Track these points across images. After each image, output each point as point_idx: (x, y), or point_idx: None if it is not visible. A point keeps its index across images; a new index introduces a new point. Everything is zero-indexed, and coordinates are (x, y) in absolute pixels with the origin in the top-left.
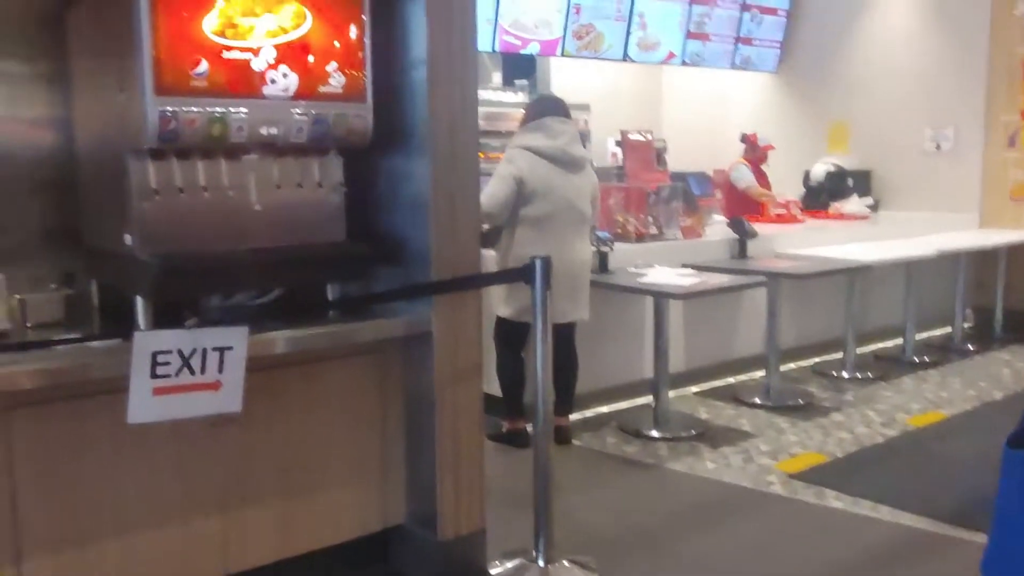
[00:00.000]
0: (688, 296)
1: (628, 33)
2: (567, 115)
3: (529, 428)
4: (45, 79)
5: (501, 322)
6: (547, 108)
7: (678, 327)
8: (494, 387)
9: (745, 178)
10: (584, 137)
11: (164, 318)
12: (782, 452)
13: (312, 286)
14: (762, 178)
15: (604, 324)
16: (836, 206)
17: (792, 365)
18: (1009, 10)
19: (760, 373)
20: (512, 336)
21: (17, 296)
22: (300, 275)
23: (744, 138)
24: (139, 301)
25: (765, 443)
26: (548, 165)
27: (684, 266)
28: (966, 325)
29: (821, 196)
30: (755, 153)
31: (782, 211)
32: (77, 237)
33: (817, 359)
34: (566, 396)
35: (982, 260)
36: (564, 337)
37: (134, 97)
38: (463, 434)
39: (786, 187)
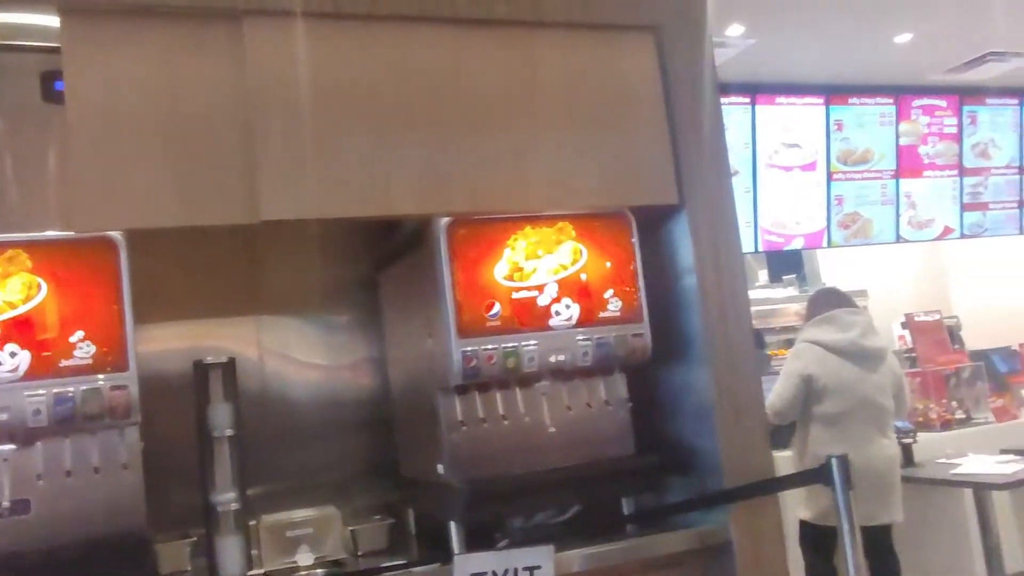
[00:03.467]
0: (1015, 486)
1: (898, 215)
2: (854, 306)
3: None
4: (361, 328)
5: (805, 526)
6: (834, 300)
7: (1008, 522)
8: None
9: None
10: None
11: (473, 541)
12: None
13: (607, 501)
14: None
15: (919, 523)
16: None
17: None
18: None
19: None
20: (819, 541)
21: (349, 528)
22: (594, 491)
23: None
24: (453, 526)
25: None
26: (839, 360)
27: (1003, 452)
28: None
29: None
30: None
31: None
32: (394, 469)
33: None
34: None
35: None
36: (880, 541)
37: (440, 341)
38: None
39: None
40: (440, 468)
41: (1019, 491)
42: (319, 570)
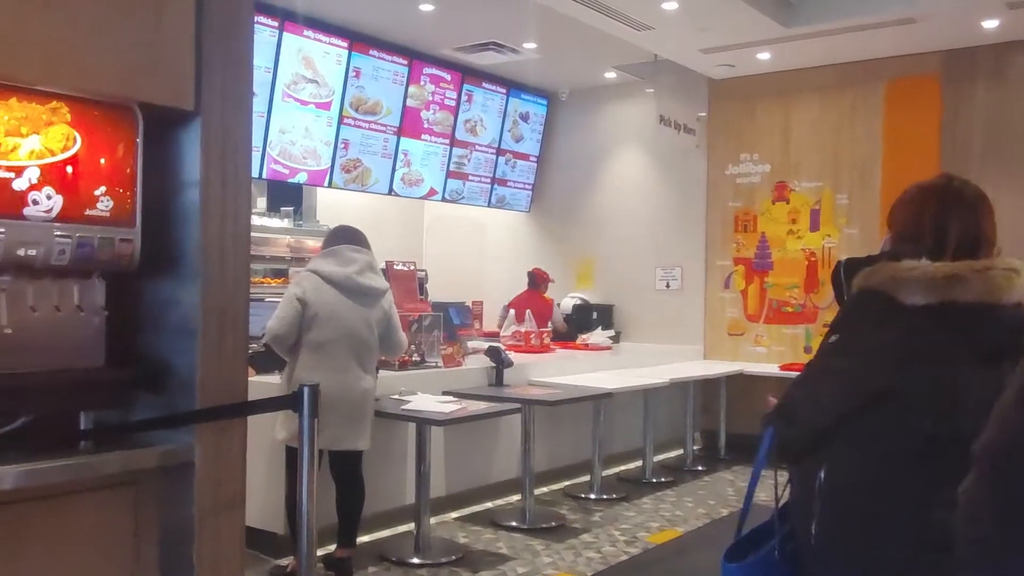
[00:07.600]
0: (448, 423)
1: (394, 169)
2: (364, 245)
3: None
4: None
5: (287, 448)
6: (345, 236)
7: (439, 453)
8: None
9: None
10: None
11: None
12: (536, 574)
13: (65, 414)
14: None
15: (373, 450)
16: (583, 337)
17: (545, 488)
18: (722, 170)
19: (516, 497)
20: (294, 461)
21: None
22: (48, 402)
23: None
24: None
25: (521, 566)
26: (334, 292)
27: (445, 393)
28: (696, 447)
29: (570, 328)
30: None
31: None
32: None
33: (568, 482)
34: (350, 526)
35: (707, 388)
36: (350, 466)
37: None
38: (223, 570)
39: None
40: None
41: (451, 428)
42: None
